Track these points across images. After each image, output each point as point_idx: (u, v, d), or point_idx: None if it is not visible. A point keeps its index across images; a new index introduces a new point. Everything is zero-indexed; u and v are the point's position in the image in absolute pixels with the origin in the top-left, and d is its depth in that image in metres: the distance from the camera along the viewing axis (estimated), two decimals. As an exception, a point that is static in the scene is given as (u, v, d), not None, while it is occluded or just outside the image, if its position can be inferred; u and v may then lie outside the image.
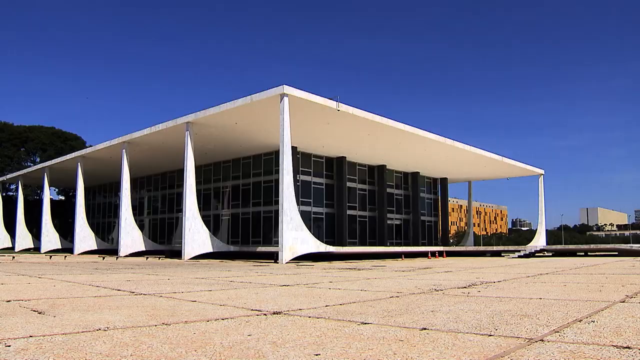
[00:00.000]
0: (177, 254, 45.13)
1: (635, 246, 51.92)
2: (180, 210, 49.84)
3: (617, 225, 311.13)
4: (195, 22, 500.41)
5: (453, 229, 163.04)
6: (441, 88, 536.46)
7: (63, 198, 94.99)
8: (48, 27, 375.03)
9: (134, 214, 51.71)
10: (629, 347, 4.79)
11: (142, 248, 48.95)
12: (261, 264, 32.43)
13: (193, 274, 19.47)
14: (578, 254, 50.77)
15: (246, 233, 52.39)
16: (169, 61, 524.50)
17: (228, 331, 5.97)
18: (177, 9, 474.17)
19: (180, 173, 48.90)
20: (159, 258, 43.79)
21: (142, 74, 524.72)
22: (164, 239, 62.84)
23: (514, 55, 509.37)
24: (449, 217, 79.14)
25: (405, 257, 45.56)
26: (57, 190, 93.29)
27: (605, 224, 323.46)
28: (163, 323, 6.62)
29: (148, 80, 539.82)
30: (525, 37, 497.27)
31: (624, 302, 8.67)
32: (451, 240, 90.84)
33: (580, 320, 6.52)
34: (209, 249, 41.43)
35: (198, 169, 45.81)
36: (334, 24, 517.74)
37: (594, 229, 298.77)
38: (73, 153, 60.33)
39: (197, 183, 44.09)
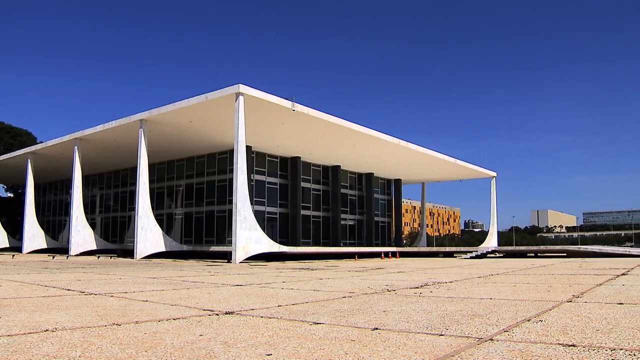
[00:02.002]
0: (129, 253, 44.56)
1: (583, 247, 52.95)
2: (133, 208, 49.21)
3: (567, 227, 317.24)
4: (152, 19, 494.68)
5: (406, 230, 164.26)
6: (398, 89, 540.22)
7: (12, 195, 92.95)
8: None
9: (86, 212, 50.86)
10: (574, 345, 4.88)
11: (94, 247, 48.24)
12: (214, 263, 32.27)
13: (145, 273, 19.28)
14: (528, 255, 51.53)
15: (199, 232, 52.04)
16: (124, 57, 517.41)
17: (179, 331, 5.92)
18: (134, 5, 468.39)
19: (133, 171, 48.31)
20: (111, 257, 43.23)
21: (96, 69, 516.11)
22: (116, 237, 61.96)
23: (469, 57, 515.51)
24: (403, 217, 79.93)
25: (358, 257, 45.75)
26: (5, 187, 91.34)
27: (555, 226, 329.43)
28: (113, 323, 6.53)
29: (102, 76, 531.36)
30: (482, 39, 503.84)
31: (570, 301, 8.84)
32: (404, 241, 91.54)
33: (529, 320, 6.63)
34: (161, 248, 41.04)
35: (151, 167, 45.28)
36: (292, 24, 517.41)
37: (544, 230, 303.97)
38: (23, 149, 59.27)
39: (151, 181, 43.57)
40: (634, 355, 4.51)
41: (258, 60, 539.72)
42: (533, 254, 51.92)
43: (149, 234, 40.30)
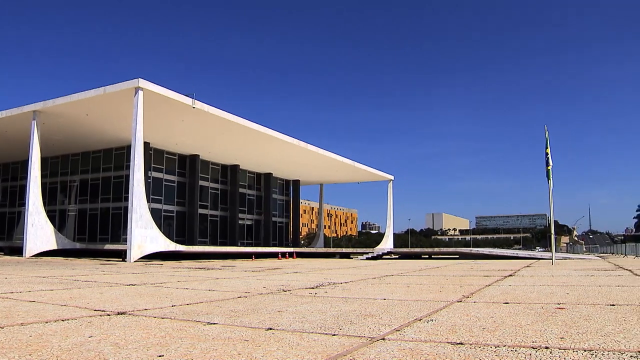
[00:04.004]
0: (17, 251, 42.77)
1: (475, 250, 54.67)
2: (23, 204, 47.30)
3: (460, 230, 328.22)
4: (50, 6, 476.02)
5: (304, 231, 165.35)
6: (298, 90, 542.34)
7: None
8: None
9: (-30, 208, 48.61)
10: (461, 343, 5.04)
11: (-22, 244, 46.16)
12: (108, 262, 31.50)
13: (34, 272, 18.57)
14: (423, 256, 52.72)
15: (94, 230, 50.66)
16: (17, 46, 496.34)
17: (68, 333, 5.71)
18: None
19: (24, 164, 46.42)
20: (-3, 255, 41.54)
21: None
22: (3, 234, 59.39)
23: (369, 59, 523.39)
24: (301, 218, 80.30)
25: (256, 257, 45.69)
26: None
27: (449, 229, 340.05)
28: (-5, 325, 6.24)
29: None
30: (383, 43, 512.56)
31: (460, 301, 9.10)
32: (302, 242, 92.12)
33: (420, 320, 6.78)
34: (53, 246, 39.67)
35: (44, 160, 43.60)
36: (197, 20, 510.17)
37: (439, 233, 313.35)
38: None
39: (43, 176, 41.99)
40: (515, 350, 4.72)
41: (159, 55, 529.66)
42: (427, 256, 53.21)
43: (39, 231, 38.87)
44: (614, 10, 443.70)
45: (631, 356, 4.47)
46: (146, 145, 40.94)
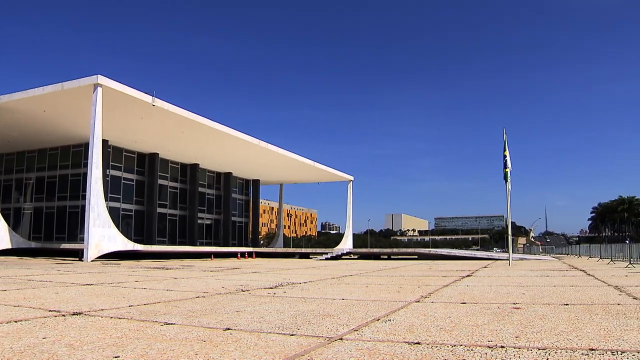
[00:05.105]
0: (-31, 249, 41.98)
1: (434, 250, 55.18)
2: (-25, 202, 46.46)
3: (419, 231, 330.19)
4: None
5: (264, 230, 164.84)
6: (260, 89, 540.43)
7: None
8: None
9: None
10: (419, 343, 5.08)
11: None
12: (65, 261, 31.05)
13: (-14, 271, 18.23)
14: (382, 257, 52.99)
15: (50, 229, 49.79)
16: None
17: (21, 334, 5.60)
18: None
19: (-23, 161, 45.66)
20: (-52, 254, 40.61)
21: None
22: (-45, 233, 58.10)
23: (329, 60, 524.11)
24: (260, 218, 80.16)
25: (215, 257, 45.49)
26: None
27: (408, 230, 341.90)
28: (-55, 327, 6.09)
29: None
30: (342, 43, 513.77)
31: (418, 302, 9.16)
32: (262, 242, 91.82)
33: (378, 320, 6.81)
34: (7, 245, 38.91)
35: (-2, 157, 42.84)
36: (157, 18, 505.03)
37: (398, 234, 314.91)
38: None
39: (-3, 173, 41.25)
40: (472, 350, 4.78)
41: (120, 52, 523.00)
42: (386, 256, 53.50)
43: (-7, 230, 38.21)
44: (567, 15, 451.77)
45: (582, 354, 4.57)
46: (105, 142, 40.45)
